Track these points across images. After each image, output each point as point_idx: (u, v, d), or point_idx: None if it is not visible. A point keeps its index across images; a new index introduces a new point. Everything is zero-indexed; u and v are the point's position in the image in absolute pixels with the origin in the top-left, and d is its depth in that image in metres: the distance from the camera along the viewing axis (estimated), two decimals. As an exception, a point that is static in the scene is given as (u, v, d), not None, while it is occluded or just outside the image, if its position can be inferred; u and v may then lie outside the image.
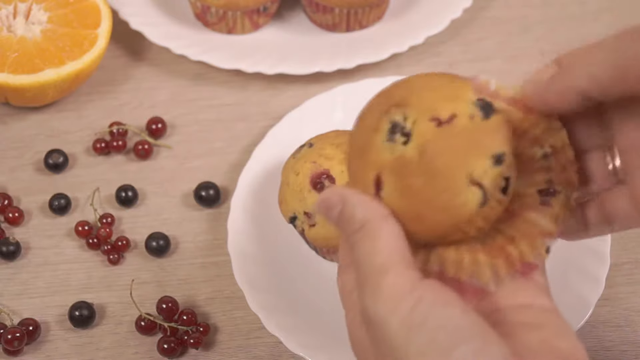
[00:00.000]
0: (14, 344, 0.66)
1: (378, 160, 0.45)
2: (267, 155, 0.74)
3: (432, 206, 0.44)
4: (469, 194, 0.44)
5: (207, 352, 0.67)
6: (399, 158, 0.45)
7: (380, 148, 0.45)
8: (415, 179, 0.44)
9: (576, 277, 0.66)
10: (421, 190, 0.44)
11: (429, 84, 0.46)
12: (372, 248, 0.43)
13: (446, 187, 0.43)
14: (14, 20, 0.78)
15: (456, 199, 0.43)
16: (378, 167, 0.45)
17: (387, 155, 0.45)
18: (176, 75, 0.83)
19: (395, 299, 0.41)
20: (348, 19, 0.83)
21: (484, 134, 0.44)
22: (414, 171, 0.44)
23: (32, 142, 0.79)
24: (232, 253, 0.68)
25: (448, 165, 0.44)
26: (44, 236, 0.73)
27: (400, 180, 0.45)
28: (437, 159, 0.44)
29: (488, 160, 0.44)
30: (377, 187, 0.45)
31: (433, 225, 0.45)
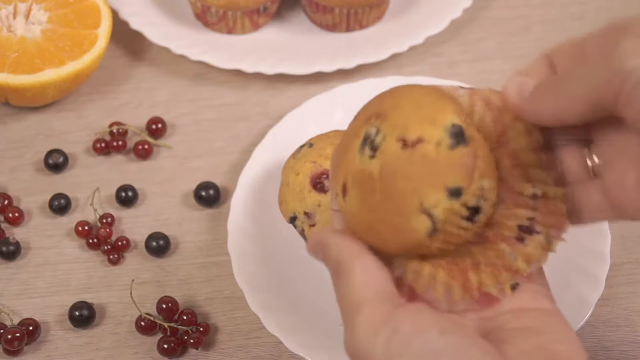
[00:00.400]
0: (14, 344, 0.66)
1: (348, 167, 0.46)
2: (267, 155, 0.74)
3: (385, 225, 0.44)
4: (418, 222, 0.44)
5: (207, 352, 0.67)
6: (363, 170, 0.45)
7: (353, 155, 0.46)
8: (372, 196, 0.44)
9: (576, 277, 0.66)
10: (376, 207, 0.44)
11: (413, 99, 0.46)
12: (346, 287, 0.44)
13: (398, 211, 0.44)
14: (14, 20, 0.78)
15: (406, 224, 0.44)
16: (346, 173, 0.46)
17: (356, 165, 0.46)
18: (176, 75, 0.83)
19: (370, 334, 0.42)
20: (348, 19, 0.83)
21: (444, 166, 0.44)
22: (372, 187, 0.44)
23: (32, 142, 0.79)
24: (232, 253, 0.68)
25: (402, 190, 0.44)
26: (44, 236, 0.73)
27: (360, 193, 0.45)
28: (394, 182, 0.44)
29: (442, 192, 0.43)
30: (343, 192, 0.46)
31: (386, 242, 0.45)
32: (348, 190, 0.46)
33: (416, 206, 0.43)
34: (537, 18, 0.86)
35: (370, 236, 0.45)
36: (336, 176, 0.47)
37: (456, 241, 0.46)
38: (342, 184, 0.46)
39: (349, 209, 0.46)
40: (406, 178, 0.44)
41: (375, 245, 0.46)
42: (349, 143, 0.47)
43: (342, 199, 0.47)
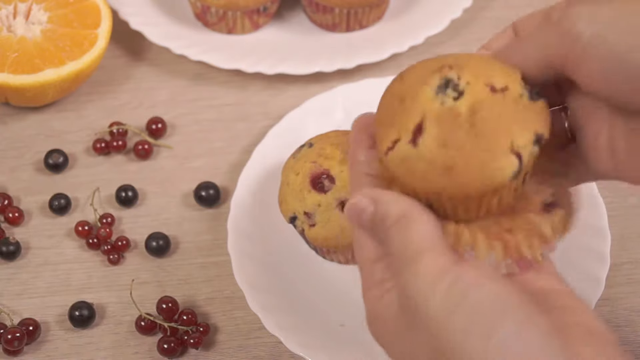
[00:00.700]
0: (14, 344, 0.66)
1: (424, 108, 0.45)
2: (267, 155, 0.74)
3: (469, 162, 0.44)
4: (507, 161, 0.44)
5: (207, 352, 0.67)
6: (448, 110, 0.45)
7: (428, 97, 0.46)
8: (460, 133, 0.44)
9: (576, 276, 0.66)
10: (463, 144, 0.44)
11: (481, 58, 0.48)
12: (405, 237, 0.44)
13: (489, 147, 0.44)
14: (14, 20, 0.78)
15: (495, 162, 0.44)
16: (422, 114, 0.45)
17: (436, 105, 0.45)
18: (176, 75, 0.83)
19: (430, 281, 0.42)
20: (348, 19, 0.83)
21: (531, 113, 0.45)
22: (460, 125, 0.44)
23: (32, 142, 0.79)
24: (232, 253, 0.68)
25: (495, 128, 0.44)
26: (44, 236, 0.73)
27: (443, 131, 0.45)
28: (487, 120, 0.44)
29: (531, 135, 0.45)
30: (416, 132, 0.45)
31: (462, 182, 0.45)
32: (425, 130, 0.45)
33: (508, 145, 0.44)
34: (537, 18, 0.86)
35: (441, 177, 0.45)
36: (401, 122, 0.46)
37: (505, 201, 0.46)
38: (416, 126, 0.45)
39: (423, 148, 0.45)
40: (500, 117, 0.44)
41: (438, 190, 0.45)
42: (411, 91, 0.46)
43: (408, 144, 0.45)
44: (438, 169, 0.44)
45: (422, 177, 0.45)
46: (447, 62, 0.47)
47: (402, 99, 0.46)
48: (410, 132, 0.45)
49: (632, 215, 0.73)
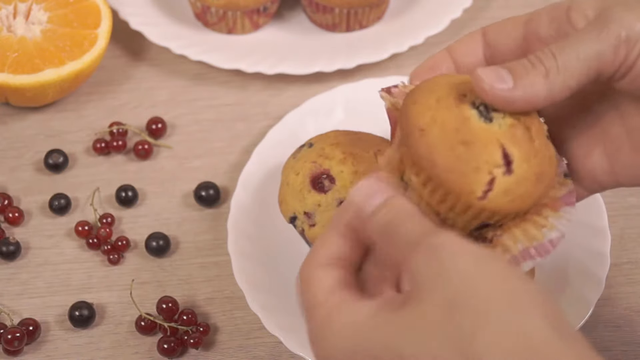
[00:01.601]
0: (14, 344, 0.66)
1: (494, 135, 0.46)
2: (267, 155, 0.74)
3: (548, 165, 0.47)
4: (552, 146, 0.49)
5: (207, 352, 0.67)
6: (511, 129, 0.46)
7: (483, 126, 0.46)
8: (529, 145, 0.46)
9: (576, 277, 0.66)
10: (536, 153, 0.47)
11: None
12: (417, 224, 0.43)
13: (546, 145, 0.48)
14: (14, 20, 0.78)
15: (552, 149, 0.48)
16: (498, 143, 0.46)
17: (497, 127, 0.47)
18: (176, 75, 0.83)
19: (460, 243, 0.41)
20: (348, 19, 0.83)
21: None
22: (525, 139, 0.47)
23: (32, 142, 0.79)
24: (232, 253, 0.68)
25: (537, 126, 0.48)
26: (44, 236, 0.73)
27: (522, 149, 0.46)
28: (536, 132, 0.48)
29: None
30: (506, 162, 0.46)
31: (549, 183, 0.47)
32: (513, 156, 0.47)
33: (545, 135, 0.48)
34: (537, 18, 0.86)
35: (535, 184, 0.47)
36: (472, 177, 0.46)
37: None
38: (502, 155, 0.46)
39: (518, 174, 0.46)
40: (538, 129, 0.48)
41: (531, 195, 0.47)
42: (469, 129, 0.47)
43: (504, 176, 0.46)
44: (533, 181, 0.46)
45: (526, 196, 0.46)
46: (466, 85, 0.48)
47: (463, 141, 0.46)
48: (502, 165, 0.46)
49: (632, 215, 0.73)
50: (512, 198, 0.46)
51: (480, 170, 0.46)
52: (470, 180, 0.46)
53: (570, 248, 0.68)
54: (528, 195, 0.46)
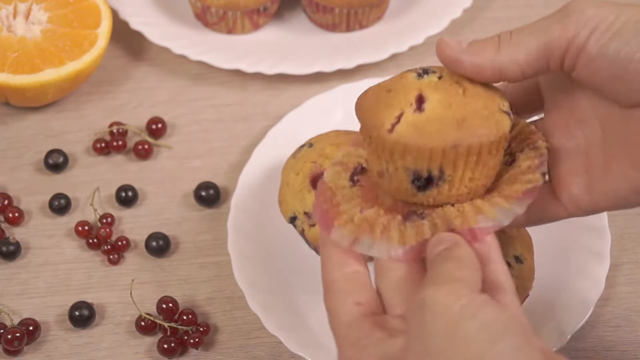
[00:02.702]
0: (14, 344, 0.66)
1: (418, 85, 0.50)
2: (267, 155, 0.74)
3: (476, 115, 0.48)
4: (503, 116, 0.49)
5: (207, 352, 0.67)
6: (441, 81, 0.50)
7: (415, 79, 0.50)
8: (458, 96, 0.49)
9: (576, 277, 0.66)
10: (465, 104, 0.48)
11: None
12: (453, 268, 0.45)
13: (485, 106, 0.49)
14: (14, 20, 0.78)
15: (495, 115, 0.49)
16: (418, 89, 0.49)
17: (426, 80, 0.50)
18: (176, 75, 0.83)
19: (453, 295, 0.43)
20: (348, 19, 0.83)
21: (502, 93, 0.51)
22: (456, 91, 0.49)
23: (32, 142, 0.79)
24: (232, 253, 0.68)
25: (484, 95, 0.49)
26: (44, 236, 0.73)
27: (444, 95, 0.49)
28: (475, 89, 0.49)
29: (509, 104, 0.50)
30: (419, 102, 0.49)
31: (475, 132, 0.48)
32: (427, 97, 0.49)
33: (498, 106, 0.49)
34: (537, 18, 0.86)
35: (459, 131, 0.48)
36: (385, 114, 0.49)
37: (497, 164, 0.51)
38: (417, 96, 0.49)
39: (429, 113, 0.48)
40: (484, 88, 0.49)
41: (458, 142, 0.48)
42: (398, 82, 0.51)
43: (414, 113, 0.49)
44: (452, 124, 0.48)
45: (438, 135, 0.48)
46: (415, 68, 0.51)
47: (387, 89, 0.50)
48: (413, 103, 0.49)
49: (632, 215, 0.73)
50: (422, 133, 0.48)
51: (392, 107, 0.49)
52: (382, 115, 0.49)
53: (570, 248, 0.68)
54: (441, 135, 0.48)
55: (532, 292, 0.62)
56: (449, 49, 0.49)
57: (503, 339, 0.41)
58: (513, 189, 0.49)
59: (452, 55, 0.49)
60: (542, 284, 0.65)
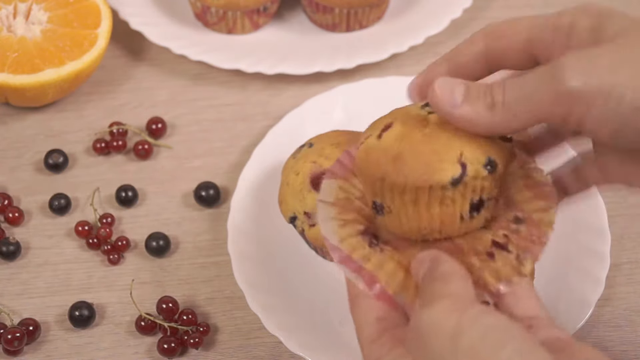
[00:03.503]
0: (14, 344, 0.66)
1: (398, 113, 0.50)
2: (267, 155, 0.74)
3: (416, 156, 0.47)
4: (451, 166, 0.47)
5: (207, 352, 0.67)
6: (418, 114, 0.49)
7: (406, 108, 0.50)
8: (417, 133, 0.48)
9: (576, 277, 0.66)
10: (417, 142, 0.47)
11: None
12: (440, 286, 0.45)
13: (438, 150, 0.47)
14: (14, 20, 0.78)
15: (439, 163, 0.47)
16: (394, 117, 0.50)
17: (411, 112, 0.49)
18: (176, 75, 0.83)
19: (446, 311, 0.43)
20: (348, 19, 0.83)
21: (494, 143, 0.48)
22: (421, 129, 0.48)
23: (32, 142, 0.79)
24: (232, 253, 0.68)
25: (452, 139, 0.47)
26: (44, 236, 0.73)
27: (405, 127, 0.48)
28: (448, 131, 0.47)
29: (483, 157, 0.47)
30: (384, 129, 0.49)
31: (403, 171, 0.47)
32: (392, 127, 0.49)
33: (457, 155, 0.47)
34: (537, 18, 0.86)
35: (389, 165, 0.48)
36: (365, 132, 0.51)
37: (452, 222, 0.48)
38: (386, 124, 0.49)
39: (381, 142, 0.49)
40: (461, 132, 0.47)
41: (383, 176, 0.48)
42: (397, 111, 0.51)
43: (373, 138, 0.49)
44: (388, 157, 0.48)
45: (375, 163, 0.49)
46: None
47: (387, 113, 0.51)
48: (380, 130, 0.49)
49: (632, 215, 0.73)
50: (367, 159, 0.49)
51: (370, 129, 0.51)
52: (363, 137, 0.51)
53: (570, 248, 0.68)
54: (378, 165, 0.48)
55: (532, 292, 0.62)
56: (441, 101, 0.47)
57: (507, 344, 0.41)
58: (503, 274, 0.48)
59: (444, 109, 0.47)
60: (542, 284, 0.65)
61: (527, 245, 0.48)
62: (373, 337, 0.48)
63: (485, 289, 0.47)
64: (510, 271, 0.47)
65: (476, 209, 0.48)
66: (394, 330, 0.48)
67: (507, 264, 0.47)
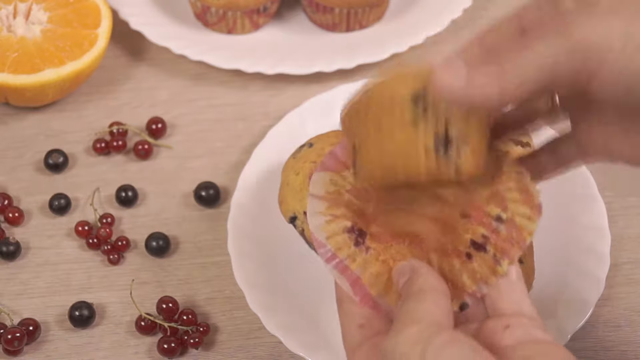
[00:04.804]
0: (14, 344, 0.66)
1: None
2: (267, 155, 0.74)
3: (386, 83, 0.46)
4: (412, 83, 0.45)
5: (207, 352, 0.67)
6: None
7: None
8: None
9: (576, 277, 0.66)
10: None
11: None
12: (414, 306, 0.45)
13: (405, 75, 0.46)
14: (14, 20, 0.78)
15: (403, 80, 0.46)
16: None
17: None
18: (176, 75, 0.83)
19: (410, 342, 0.43)
20: (348, 19, 0.83)
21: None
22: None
23: (32, 142, 0.79)
24: (232, 253, 0.68)
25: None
26: (44, 236, 0.73)
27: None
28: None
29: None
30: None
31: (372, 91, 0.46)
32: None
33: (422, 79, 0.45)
34: (537, 18, 0.86)
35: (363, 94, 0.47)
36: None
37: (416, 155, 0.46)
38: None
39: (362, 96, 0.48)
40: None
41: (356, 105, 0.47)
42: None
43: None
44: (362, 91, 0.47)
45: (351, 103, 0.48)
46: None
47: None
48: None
49: (632, 215, 0.73)
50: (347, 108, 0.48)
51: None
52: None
53: (570, 248, 0.68)
54: (351, 102, 0.48)
55: (532, 292, 0.62)
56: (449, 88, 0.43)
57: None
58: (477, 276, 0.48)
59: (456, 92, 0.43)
60: (542, 284, 0.65)
61: (505, 246, 0.48)
62: (355, 345, 0.48)
63: (463, 291, 0.48)
64: (486, 271, 0.47)
65: (443, 145, 0.45)
66: (374, 339, 0.48)
67: (484, 264, 0.48)
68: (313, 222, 0.50)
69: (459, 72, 0.43)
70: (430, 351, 0.42)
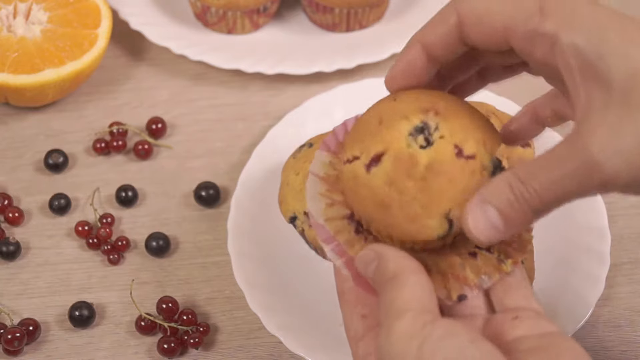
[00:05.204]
0: (14, 344, 0.66)
1: (391, 141, 0.47)
2: (267, 155, 0.74)
3: (404, 210, 0.46)
4: (438, 223, 0.46)
5: (207, 352, 0.67)
6: (410, 155, 0.46)
7: (400, 133, 0.47)
8: (408, 181, 0.46)
9: (576, 277, 0.66)
10: (406, 191, 0.46)
11: (473, 113, 0.48)
12: (395, 295, 0.45)
13: (427, 205, 0.46)
14: (14, 20, 0.78)
15: (426, 220, 0.46)
16: (386, 146, 0.47)
17: (402, 146, 0.47)
18: (176, 75, 0.83)
19: (406, 337, 0.43)
20: (348, 19, 0.83)
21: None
22: (412, 175, 0.46)
23: (32, 142, 0.79)
24: (232, 253, 0.68)
25: (441, 192, 0.46)
26: (44, 236, 0.73)
27: (396, 171, 0.46)
28: (437, 182, 0.46)
29: None
30: (374, 160, 0.47)
31: (390, 223, 0.47)
32: (382, 162, 0.47)
33: (445, 210, 0.46)
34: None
35: (377, 211, 0.47)
36: (367, 145, 0.48)
37: (434, 246, 0.48)
38: (377, 154, 0.47)
39: (370, 178, 0.47)
40: (450, 184, 0.46)
41: (369, 220, 0.47)
42: (392, 121, 0.47)
43: (362, 166, 0.47)
44: (376, 201, 0.46)
45: (361, 200, 0.47)
46: (438, 107, 0.47)
47: (380, 121, 0.48)
48: (369, 158, 0.47)
49: (632, 215, 0.73)
50: (354, 188, 0.48)
51: (361, 144, 0.48)
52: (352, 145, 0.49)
53: (570, 248, 0.68)
54: (365, 205, 0.47)
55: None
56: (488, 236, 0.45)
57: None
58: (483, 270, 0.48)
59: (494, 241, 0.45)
60: (542, 284, 0.65)
61: (508, 250, 0.48)
62: (358, 336, 0.48)
63: (465, 283, 0.47)
64: (491, 268, 0.48)
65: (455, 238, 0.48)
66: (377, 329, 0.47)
67: (488, 263, 0.48)
68: (312, 203, 0.50)
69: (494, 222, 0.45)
70: (427, 347, 0.42)
